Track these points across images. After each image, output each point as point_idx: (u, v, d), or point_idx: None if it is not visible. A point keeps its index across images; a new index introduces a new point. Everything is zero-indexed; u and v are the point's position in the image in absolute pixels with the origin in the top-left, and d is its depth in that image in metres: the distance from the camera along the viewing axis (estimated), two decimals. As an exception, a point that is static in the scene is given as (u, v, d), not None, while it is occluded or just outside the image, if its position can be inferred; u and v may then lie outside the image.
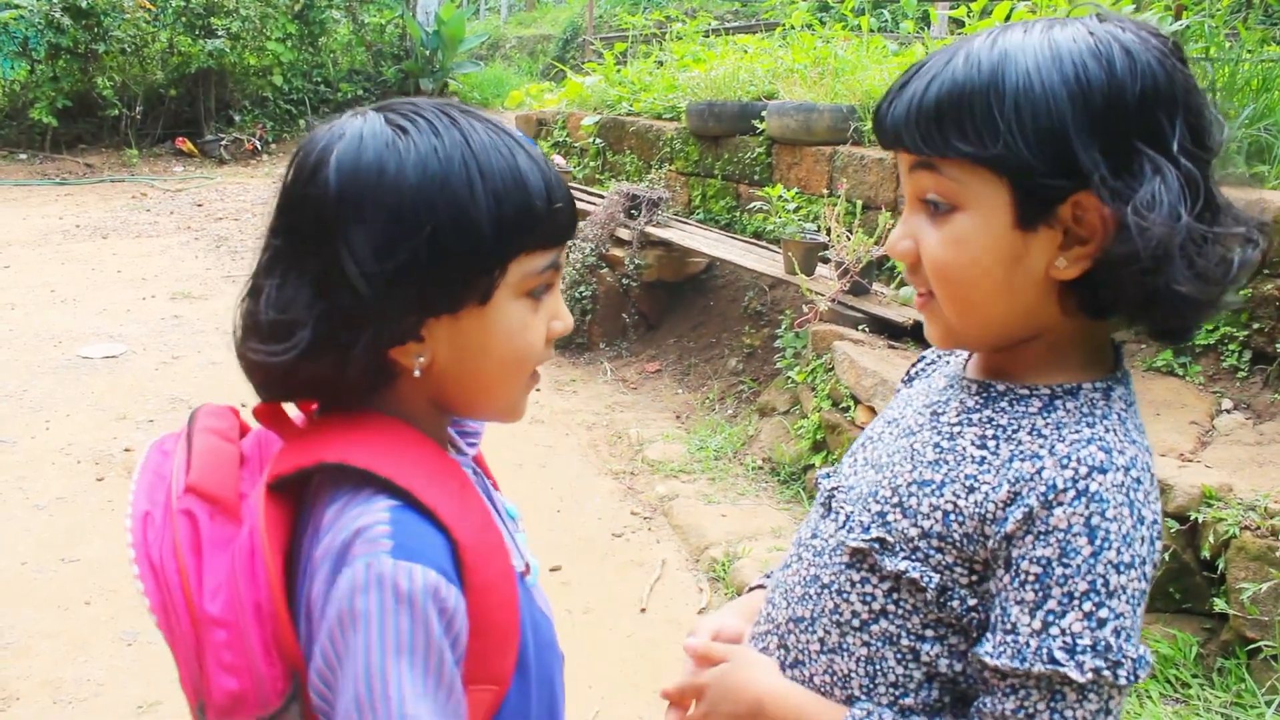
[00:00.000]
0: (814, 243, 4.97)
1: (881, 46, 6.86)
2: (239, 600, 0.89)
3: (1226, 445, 3.33)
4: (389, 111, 0.95)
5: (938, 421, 1.02)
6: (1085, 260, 0.91)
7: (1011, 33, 0.92)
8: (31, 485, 4.24)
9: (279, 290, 0.92)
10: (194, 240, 9.06)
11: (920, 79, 0.93)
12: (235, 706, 0.89)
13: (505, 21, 21.12)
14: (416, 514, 0.89)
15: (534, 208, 0.93)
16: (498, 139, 0.94)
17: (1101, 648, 0.85)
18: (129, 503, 0.97)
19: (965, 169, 0.91)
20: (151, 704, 2.89)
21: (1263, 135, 4.20)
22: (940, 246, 0.94)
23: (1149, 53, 0.89)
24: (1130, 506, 0.87)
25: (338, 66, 14.66)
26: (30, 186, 11.30)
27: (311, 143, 0.95)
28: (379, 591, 0.84)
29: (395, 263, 0.89)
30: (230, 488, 0.96)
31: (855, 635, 1.00)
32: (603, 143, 7.77)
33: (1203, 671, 2.81)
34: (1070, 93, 0.87)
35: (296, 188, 0.94)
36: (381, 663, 0.83)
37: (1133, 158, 0.87)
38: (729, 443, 4.83)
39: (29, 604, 3.38)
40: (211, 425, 1.02)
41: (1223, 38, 4.77)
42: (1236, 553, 2.75)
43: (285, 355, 0.91)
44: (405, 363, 0.95)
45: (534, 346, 0.99)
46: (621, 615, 3.42)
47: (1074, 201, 0.89)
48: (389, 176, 0.89)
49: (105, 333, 6.33)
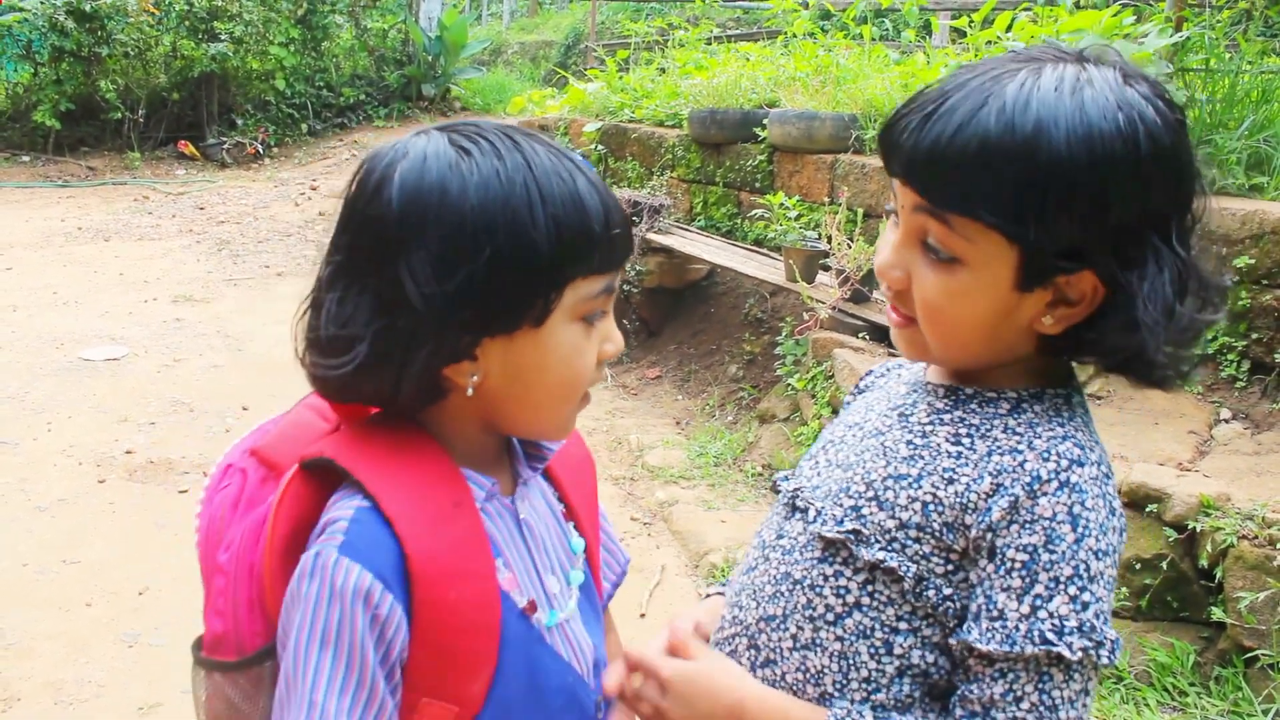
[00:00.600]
0: (815, 250, 4.99)
1: (883, 55, 6.88)
2: (239, 557, 0.98)
3: (1225, 455, 3.35)
4: (453, 132, 0.96)
5: (907, 422, 1.05)
6: (1069, 321, 0.95)
7: (1044, 88, 0.89)
8: (33, 487, 4.25)
9: (339, 305, 0.94)
10: (196, 243, 9.07)
11: (945, 121, 0.90)
12: (216, 645, 0.99)
13: (507, 27, 21.15)
14: (379, 519, 0.92)
15: (592, 232, 0.94)
16: (559, 163, 0.95)
17: (1087, 629, 0.90)
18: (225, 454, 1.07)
19: (979, 229, 0.92)
20: (153, 705, 2.90)
21: (1262, 147, 4.23)
22: (938, 294, 0.96)
23: (1169, 132, 0.90)
24: (1104, 499, 0.93)
25: (340, 71, 14.66)
26: (32, 189, 11.31)
27: (375, 159, 0.96)
28: (319, 581, 0.90)
29: (454, 283, 0.90)
30: (292, 458, 1.00)
31: (829, 630, 1.01)
32: (605, 149, 7.79)
33: (1200, 680, 2.82)
34: (1099, 188, 0.88)
35: (359, 205, 0.95)
36: (306, 648, 0.89)
37: (1137, 244, 0.91)
38: (729, 449, 4.84)
39: (30, 605, 3.38)
40: (315, 403, 1.07)
41: (1223, 49, 4.80)
42: (1234, 562, 2.76)
43: (343, 369, 0.94)
44: (459, 381, 0.96)
45: (586, 369, 1.00)
46: (621, 620, 3.39)
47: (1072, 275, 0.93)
48: (451, 197, 0.91)
49: (107, 335, 6.34)
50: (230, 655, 0.98)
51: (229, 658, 0.98)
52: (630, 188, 7.12)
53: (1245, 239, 3.74)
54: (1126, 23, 4.39)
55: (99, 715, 2.87)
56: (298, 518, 0.96)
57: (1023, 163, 0.87)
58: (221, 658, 0.98)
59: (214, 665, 0.99)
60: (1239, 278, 3.76)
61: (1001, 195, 0.88)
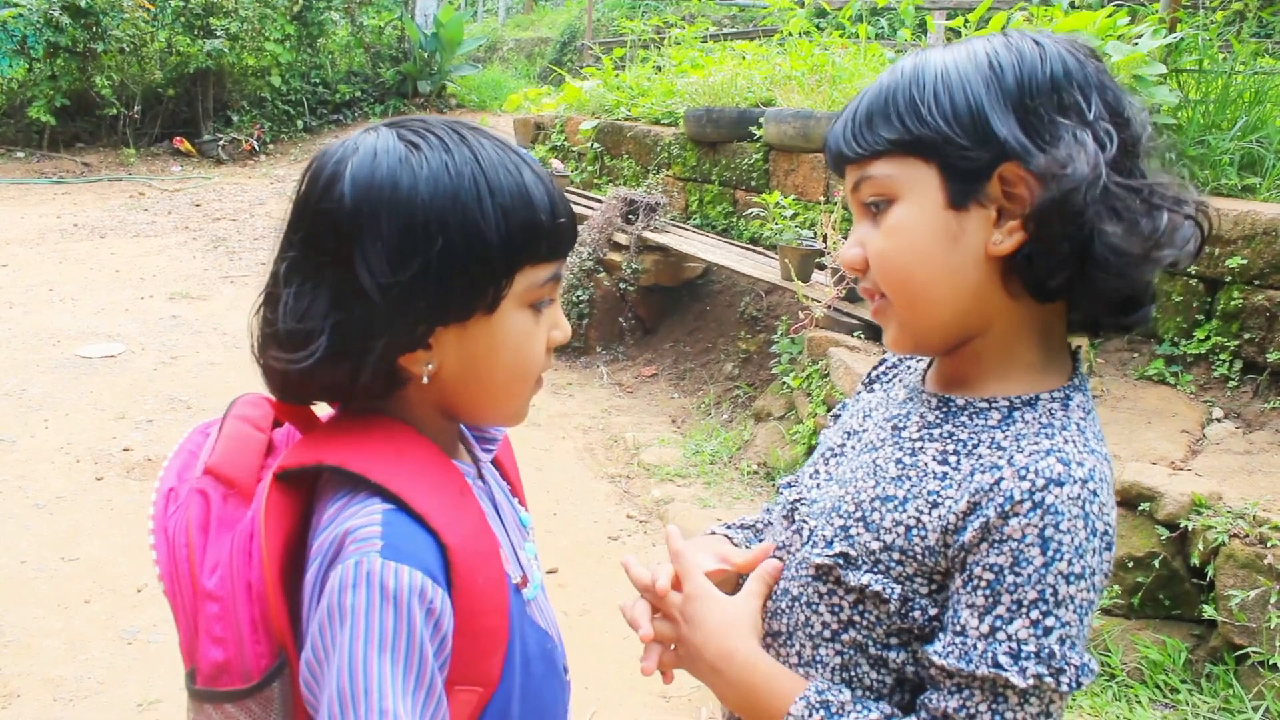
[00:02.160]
0: (810, 249, 5.01)
1: (879, 54, 6.90)
2: (233, 578, 0.94)
3: (1217, 454, 3.37)
4: (400, 128, 0.98)
5: (899, 437, 1.05)
6: (1019, 231, 0.94)
7: (934, 50, 1.00)
8: (31, 484, 4.26)
9: (295, 300, 0.96)
10: (191, 240, 9.07)
11: (854, 101, 1.02)
12: (219, 675, 0.94)
13: (503, 24, 21.14)
14: (409, 517, 0.93)
15: (539, 222, 0.97)
16: (505, 156, 0.98)
17: (1045, 655, 0.88)
18: (158, 478, 1.04)
19: (894, 161, 0.97)
20: (152, 702, 2.92)
21: (1255, 147, 4.25)
22: (880, 239, 0.99)
23: (1058, 46, 0.96)
24: (1085, 519, 0.89)
25: (336, 68, 14.66)
26: (28, 185, 11.30)
27: (325, 157, 0.98)
28: (366, 589, 0.87)
29: (408, 274, 0.93)
30: (248, 472, 1.01)
31: (827, 646, 1.03)
32: (600, 147, 7.80)
33: (1191, 677, 2.85)
34: (984, 76, 0.94)
35: (310, 201, 0.97)
36: (365, 658, 0.86)
37: (1049, 128, 0.93)
38: (724, 447, 4.86)
39: (29, 602, 3.40)
40: (245, 414, 1.07)
41: (1216, 50, 4.82)
42: (1225, 560, 2.79)
43: (304, 363, 0.95)
44: (414, 370, 0.99)
45: (537, 355, 1.03)
46: (617, 617, 3.44)
47: (1000, 175, 0.94)
48: (402, 191, 0.93)
49: (103, 332, 6.34)
50: (237, 682, 0.94)
51: (235, 685, 0.94)
52: (626, 186, 7.14)
53: (1238, 239, 3.77)
54: (1121, 24, 4.41)
55: (98, 712, 2.88)
56: (286, 530, 0.96)
57: (911, 84, 0.96)
58: (227, 686, 0.94)
59: (224, 696, 0.94)
60: (1231, 278, 3.79)
61: (899, 115, 0.96)
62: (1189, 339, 3.93)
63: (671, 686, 3.09)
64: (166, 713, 2.88)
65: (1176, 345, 3.97)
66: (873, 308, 1.05)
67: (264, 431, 1.06)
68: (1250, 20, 5.27)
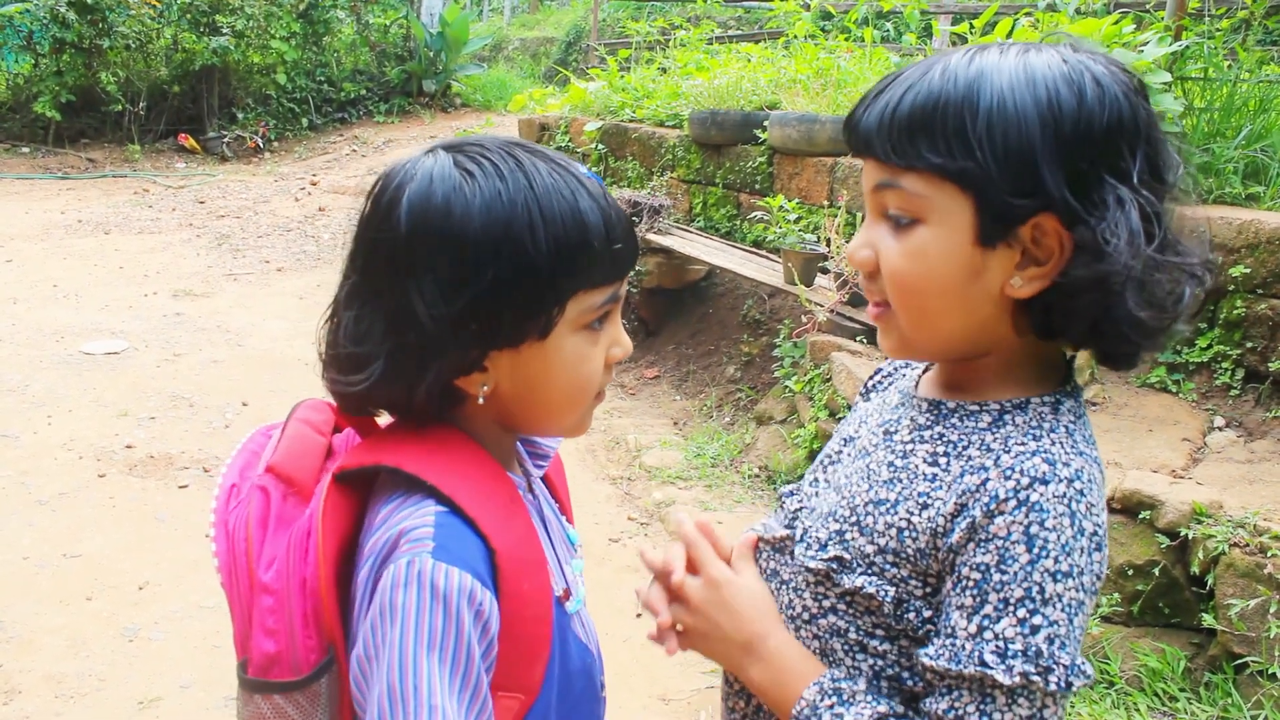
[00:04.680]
0: (814, 253, 5.01)
1: (884, 58, 6.90)
2: (288, 573, 0.97)
3: (1218, 462, 3.37)
4: (458, 153, 0.99)
5: (891, 440, 1.05)
6: (1040, 281, 0.93)
7: (988, 52, 0.94)
8: (34, 480, 4.27)
9: (355, 324, 0.99)
10: (196, 237, 9.08)
11: (896, 88, 0.95)
12: (270, 666, 0.97)
13: (509, 23, 21.14)
14: (461, 521, 0.95)
15: (593, 248, 0.98)
16: (560, 180, 0.98)
17: (1032, 653, 0.88)
18: (221, 474, 1.07)
19: (930, 182, 0.93)
20: (152, 700, 2.93)
21: (1259, 156, 4.25)
22: (900, 257, 0.97)
23: (1117, 85, 0.92)
24: (1071, 517, 0.89)
25: (341, 66, 14.66)
26: (32, 180, 11.32)
27: (388, 179, 1.00)
28: (417, 588, 0.89)
29: (460, 304, 0.95)
30: (308, 473, 1.04)
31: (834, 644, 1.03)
32: (605, 149, 7.81)
33: (1190, 686, 2.85)
34: (1041, 116, 0.89)
35: (373, 225, 0.99)
36: (415, 655, 0.88)
37: (1096, 186, 0.90)
38: (726, 450, 4.87)
39: (31, 599, 3.41)
40: (307, 417, 1.10)
41: (1221, 58, 4.82)
42: (1225, 569, 2.79)
43: (360, 386, 0.99)
44: (470, 390, 1.01)
45: (593, 375, 1.04)
46: (617, 620, 3.45)
47: (1034, 223, 0.91)
48: (454, 221, 0.95)
49: (107, 329, 6.36)
50: (287, 675, 0.96)
51: (286, 677, 0.96)
52: (630, 188, 7.14)
53: (1241, 248, 3.77)
54: (1126, 31, 4.41)
55: (99, 709, 2.89)
56: (342, 530, 0.99)
57: (964, 105, 0.90)
58: (277, 678, 0.97)
59: (274, 687, 0.97)
60: (1234, 286, 3.79)
61: (945, 137, 0.91)
62: (1191, 347, 3.93)
63: (671, 689, 3.10)
64: (167, 710, 2.89)
65: (1179, 353, 3.97)
66: (873, 312, 1.04)
67: (324, 436, 1.09)
68: (1256, 28, 5.26)
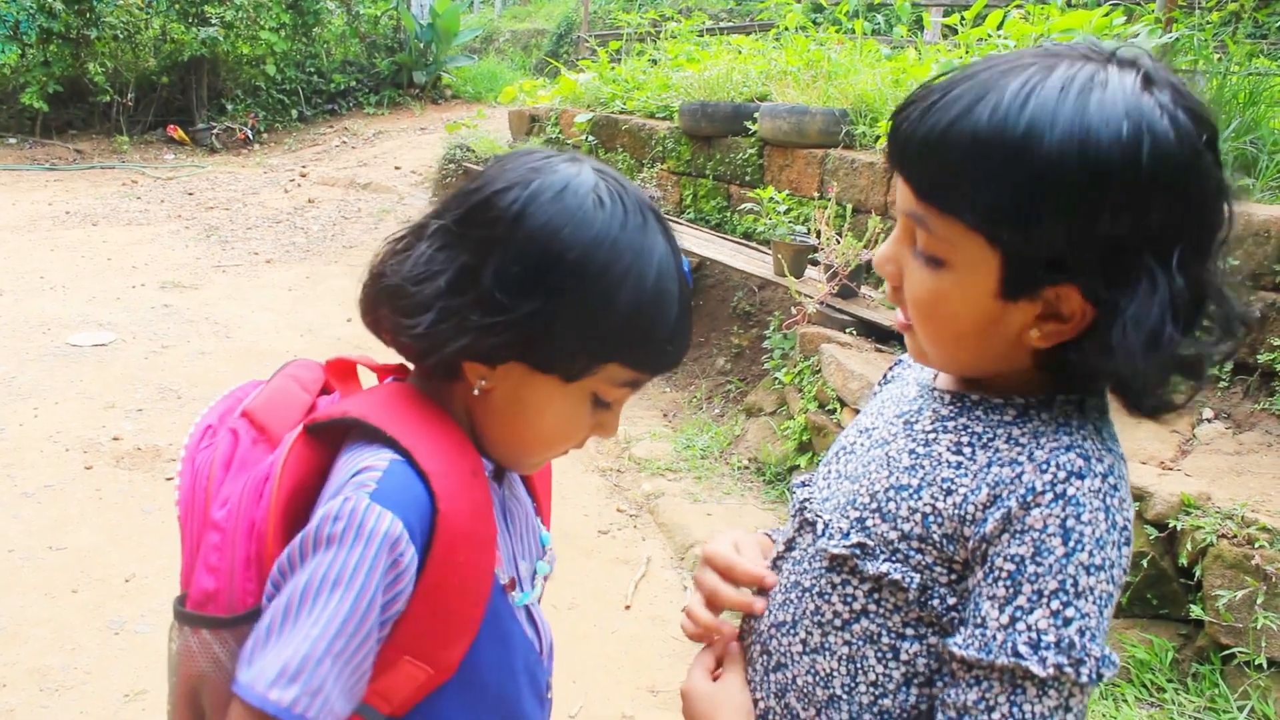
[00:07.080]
0: (803, 245, 5.01)
1: (875, 50, 6.89)
2: (239, 514, 0.99)
3: (1206, 454, 3.38)
4: (602, 176, 1.00)
5: (911, 430, 1.04)
6: (1059, 337, 0.91)
7: (1046, 89, 0.85)
8: (20, 473, 4.24)
9: (426, 261, 0.99)
10: (184, 229, 9.04)
11: (943, 113, 0.88)
12: (206, 601, 0.99)
13: (499, 15, 21.06)
14: (414, 472, 0.95)
15: (655, 336, 1.00)
16: (669, 263, 1.00)
17: (1065, 645, 0.88)
18: (200, 414, 1.11)
19: (960, 231, 0.89)
20: (138, 693, 2.91)
21: (1249, 148, 4.25)
22: (924, 293, 0.95)
23: (1182, 148, 0.85)
24: (1105, 512, 0.89)
25: (331, 57, 14.60)
26: (19, 171, 11.25)
27: (527, 157, 1.01)
28: (344, 523, 0.91)
29: (524, 307, 0.96)
30: (282, 423, 1.05)
31: (836, 634, 1.03)
32: (595, 140, 7.79)
33: (1177, 676, 2.86)
34: (1087, 194, 0.83)
35: (489, 190, 0.99)
36: (319, 585, 0.90)
37: (1134, 264, 0.86)
38: (715, 442, 4.86)
39: (16, 592, 3.38)
40: (295, 373, 1.12)
41: (1211, 51, 4.82)
42: (1213, 560, 2.80)
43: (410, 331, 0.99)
44: (470, 378, 1.02)
45: (571, 436, 1.07)
46: (606, 611, 3.45)
47: (1058, 291, 0.89)
48: (563, 235, 0.96)
49: (94, 321, 6.32)
50: (221, 611, 0.98)
51: (219, 614, 0.98)
52: (621, 179, 7.13)
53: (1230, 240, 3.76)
54: (1117, 23, 4.41)
55: (85, 701, 2.88)
56: (300, 479, 0.99)
57: (1009, 164, 0.84)
58: (211, 614, 0.98)
59: (204, 621, 0.98)
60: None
61: (984, 196, 0.85)
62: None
63: (660, 681, 3.10)
64: (153, 703, 2.88)
65: (1168, 345, 3.97)
66: (900, 322, 1.03)
67: (309, 393, 1.11)
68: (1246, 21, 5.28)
